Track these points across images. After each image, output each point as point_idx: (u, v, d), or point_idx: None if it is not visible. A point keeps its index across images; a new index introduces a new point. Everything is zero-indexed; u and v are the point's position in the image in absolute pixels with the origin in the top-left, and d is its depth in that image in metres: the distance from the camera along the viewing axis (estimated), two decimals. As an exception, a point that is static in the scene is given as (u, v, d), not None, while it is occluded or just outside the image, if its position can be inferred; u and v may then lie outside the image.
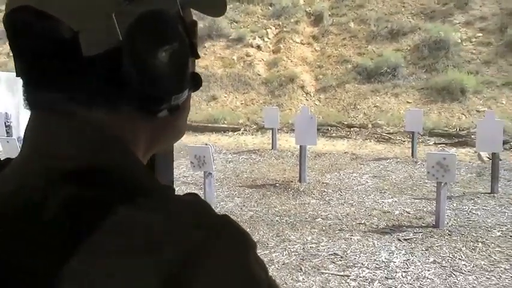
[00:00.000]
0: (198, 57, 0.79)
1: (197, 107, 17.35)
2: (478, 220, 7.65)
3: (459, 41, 17.27)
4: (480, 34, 17.42)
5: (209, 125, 16.01)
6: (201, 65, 18.79)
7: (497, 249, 6.48)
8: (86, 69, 0.69)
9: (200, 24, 13.18)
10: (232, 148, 13.61)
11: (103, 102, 0.71)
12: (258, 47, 19.35)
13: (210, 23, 19.72)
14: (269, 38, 19.70)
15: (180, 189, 9.71)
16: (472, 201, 8.68)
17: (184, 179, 10.50)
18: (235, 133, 15.54)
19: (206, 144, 9.01)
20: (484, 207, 8.30)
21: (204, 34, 19.78)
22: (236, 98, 17.71)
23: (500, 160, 9.96)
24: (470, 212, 8.09)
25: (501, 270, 5.84)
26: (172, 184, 1.49)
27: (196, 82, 0.79)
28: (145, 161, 0.81)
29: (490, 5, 18.13)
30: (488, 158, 11.13)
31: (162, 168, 1.39)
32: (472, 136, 12.84)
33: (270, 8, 20.80)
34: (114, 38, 0.68)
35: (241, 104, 17.42)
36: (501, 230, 7.17)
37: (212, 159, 8.53)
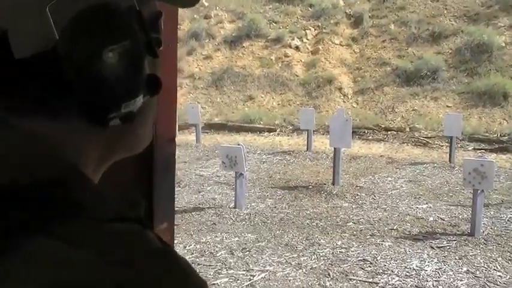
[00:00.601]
0: (156, 56, 0.69)
1: (233, 107, 17.33)
2: (515, 229, 7.40)
3: (503, 44, 16.84)
4: (525, 37, 16.96)
5: (245, 125, 15.95)
6: (239, 65, 18.77)
7: (534, 260, 6.25)
8: (19, 74, 0.59)
9: (239, 24, 13.12)
10: (267, 149, 13.53)
11: (42, 111, 0.62)
12: (297, 48, 19.23)
13: (249, 23, 19.69)
14: (308, 39, 19.56)
15: (212, 189, 9.69)
16: (511, 209, 8.41)
17: (217, 178, 10.46)
18: (271, 134, 15.46)
19: (238, 145, 8.94)
20: (523, 216, 8.04)
21: (243, 34, 19.75)
22: (273, 98, 17.62)
23: (542, 168, 9.65)
24: (508, 220, 7.84)
25: (538, 283, 5.63)
26: (172, 190, 1.41)
27: (153, 86, 0.68)
28: (98, 174, 0.71)
29: (536, 7, 17.64)
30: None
31: (161, 174, 1.32)
32: (514, 142, 12.51)
33: (309, 9, 20.65)
34: (49, 38, 0.58)
35: (278, 104, 17.33)
36: (540, 241, 6.92)
37: (244, 160, 8.46)
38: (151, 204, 1.36)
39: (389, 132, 14.64)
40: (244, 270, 6.05)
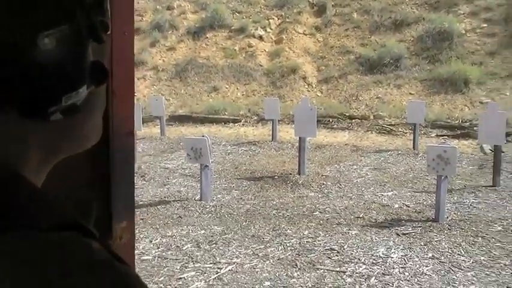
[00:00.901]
0: (101, 41, 0.62)
1: (198, 98, 17.21)
2: (478, 214, 7.51)
3: (463, 31, 17.05)
4: (485, 25, 17.19)
5: (210, 116, 15.86)
6: (203, 56, 18.63)
7: (497, 244, 6.35)
8: None
9: (202, 15, 12.98)
10: (232, 139, 13.48)
11: None
12: (260, 38, 19.16)
13: (212, 13, 19.55)
14: (271, 29, 19.51)
15: (177, 181, 9.61)
16: (473, 194, 8.54)
17: (182, 171, 10.38)
18: (236, 124, 15.40)
19: (203, 136, 8.87)
20: (485, 201, 8.16)
21: (206, 25, 19.60)
22: (237, 89, 17.55)
23: (503, 152, 9.80)
24: (471, 205, 7.95)
25: (501, 266, 5.71)
26: (132, 186, 1.35)
27: (98, 75, 0.62)
28: (43, 173, 0.65)
29: (495, -5, 17.88)
30: (491, 150, 10.97)
31: (119, 170, 1.26)
32: (475, 128, 12.67)
33: (272, -2, 20.59)
34: None
35: (243, 95, 17.27)
36: (502, 225, 7.03)
37: (209, 151, 8.40)
38: (109, 202, 1.30)
39: (353, 121, 14.71)
40: (211, 263, 6.01)
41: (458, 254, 6.06)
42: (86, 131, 0.66)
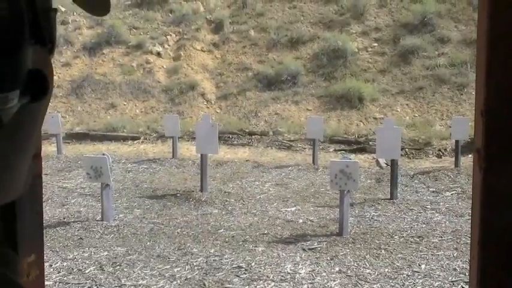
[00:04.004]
0: (45, 44, 0.50)
1: (95, 116, 16.73)
2: (379, 226, 7.72)
3: (356, 50, 17.67)
4: (375, 44, 17.92)
5: (108, 133, 15.44)
6: (99, 72, 18.17)
7: (399, 255, 6.53)
8: None
9: (98, 30, 12.64)
10: (132, 157, 13.18)
11: None
12: (158, 54, 18.96)
13: (109, 29, 19.15)
14: (169, 45, 19.35)
15: (77, 201, 9.25)
16: (373, 207, 8.79)
17: (81, 190, 10.01)
18: (135, 142, 15.09)
19: (103, 154, 8.59)
20: (385, 213, 8.42)
21: (103, 40, 19.16)
22: (136, 105, 17.24)
23: (398, 166, 10.17)
24: (372, 218, 8.17)
25: (404, 277, 5.87)
26: (39, 217, 1.22)
27: (37, 85, 0.48)
28: None
29: (383, 16, 18.69)
30: (386, 164, 11.38)
31: (25, 200, 1.12)
32: (370, 143, 13.14)
33: (170, 14, 20.46)
34: None
35: (141, 112, 16.97)
36: (402, 236, 7.26)
37: (110, 170, 8.13)
38: (15, 235, 1.15)
39: (253, 137, 14.82)
40: (116, 286, 5.78)
41: (364, 267, 6.17)
42: (16, 165, 0.52)
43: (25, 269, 1.16)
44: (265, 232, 7.55)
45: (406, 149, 13.03)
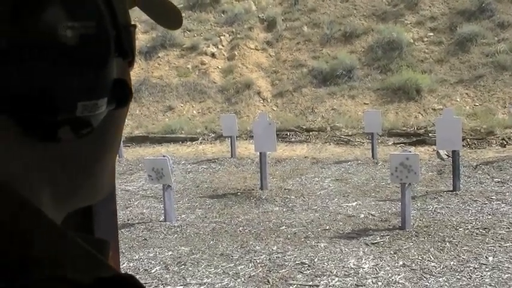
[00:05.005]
0: (126, 56, 0.54)
1: (154, 118, 17.03)
2: (443, 219, 7.59)
3: (411, 40, 17.39)
4: (431, 34, 17.59)
5: (167, 135, 15.69)
6: (156, 76, 18.48)
7: (464, 248, 6.42)
8: None
9: (153, 34, 12.84)
10: (191, 158, 13.36)
11: None
12: (213, 55, 19.14)
13: (163, 32, 19.42)
14: (223, 45, 19.51)
15: (139, 203, 9.45)
16: (436, 199, 8.64)
17: (143, 192, 10.22)
18: (194, 143, 15.28)
19: (164, 156, 8.75)
20: (448, 206, 8.26)
21: (158, 44, 19.47)
22: (193, 107, 17.45)
23: (459, 157, 9.97)
24: (434, 211, 8.04)
25: (470, 270, 5.77)
26: (114, 216, 1.27)
27: (122, 92, 0.52)
28: (61, 216, 0.54)
29: (438, 5, 18.32)
30: (447, 155, 11.16)
31: (101, 201, 1.17)
32: (430, 134, 12.90)
33: (222, 15, 20.62)
34: None
35: (198, 113, 17.18)
36: (467, 228, 7.12)
37: (170, 171, 8.28)
38: (92, 232, 1.23)
39: (311, 133, 14.78)
40: (181, 285, 5.89)
41: (428, 260, 6.09)
42: (99, 170, 0.55)
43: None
44: (327, 228, 7.54)
45: (468, 139, 12.73)
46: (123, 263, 6.59)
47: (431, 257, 6.18)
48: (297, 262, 6.29)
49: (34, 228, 0.45)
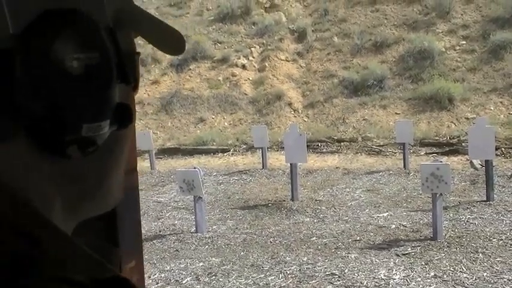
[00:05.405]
0: (132, 85, 0.60)
1: (185, 130, 17.18)
2: (476, 230, 7.50)
3: (443, 49, 17.25)
4: (464, 42, 17.42)
5: (198, 147, 15.82)
6: (187, 88, 18.66)
7: (498, 259, 6.33)
8: None
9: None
10: (223, 169, 13.43)
11: None
12: (243, 67, 19.25)
13: (194, 45, 19.62)
14: (254, 57, 19.62)
15: (171, 215, 9.53)
16: (469, 210, 8.54)
17: (175, 203, 10.31)
18: (225, 154, 15.37)
19: (195, 168, 8.83)
20: (481, 216, 8.16)
21: (189, 56, 19.66)
22: (224, 118, 17.56)
23: (493, 166, 9.83)
24: (467, 221, 7.95)
25: (504, 282, 5.69)
26: (138, 225, 1.31)
27: (123, 117, 0.58)
28: (72, 223, 0.59)
29: (471, 12, 18.15)
30: (481, 165, 11.01)
31: (124, 210, 1.22)
32: (463, 144, 12.75)
33: (253, 27, 20.74)
34: (2, 32, 0.49)
35: (230, 124, 17.28)
36: (501, 239, 7.02)
37: (201, 183, 8.35)
38: (117, 241, 1.27)
39: (342, 143, 14.74)
40: (212, 296, 5.93)
41: (460, 271, 6.03)
42: (106, 184, 0.60)
43: (127, 274, 1.27)
44: (358, 238, 7.51)
45: (503, 149, 12.55)
46: (155, 274, 6.67)
47: (464, 268, 6.11)
48: (327, 273, 6.28)
49: (35, 230, 0.50)
